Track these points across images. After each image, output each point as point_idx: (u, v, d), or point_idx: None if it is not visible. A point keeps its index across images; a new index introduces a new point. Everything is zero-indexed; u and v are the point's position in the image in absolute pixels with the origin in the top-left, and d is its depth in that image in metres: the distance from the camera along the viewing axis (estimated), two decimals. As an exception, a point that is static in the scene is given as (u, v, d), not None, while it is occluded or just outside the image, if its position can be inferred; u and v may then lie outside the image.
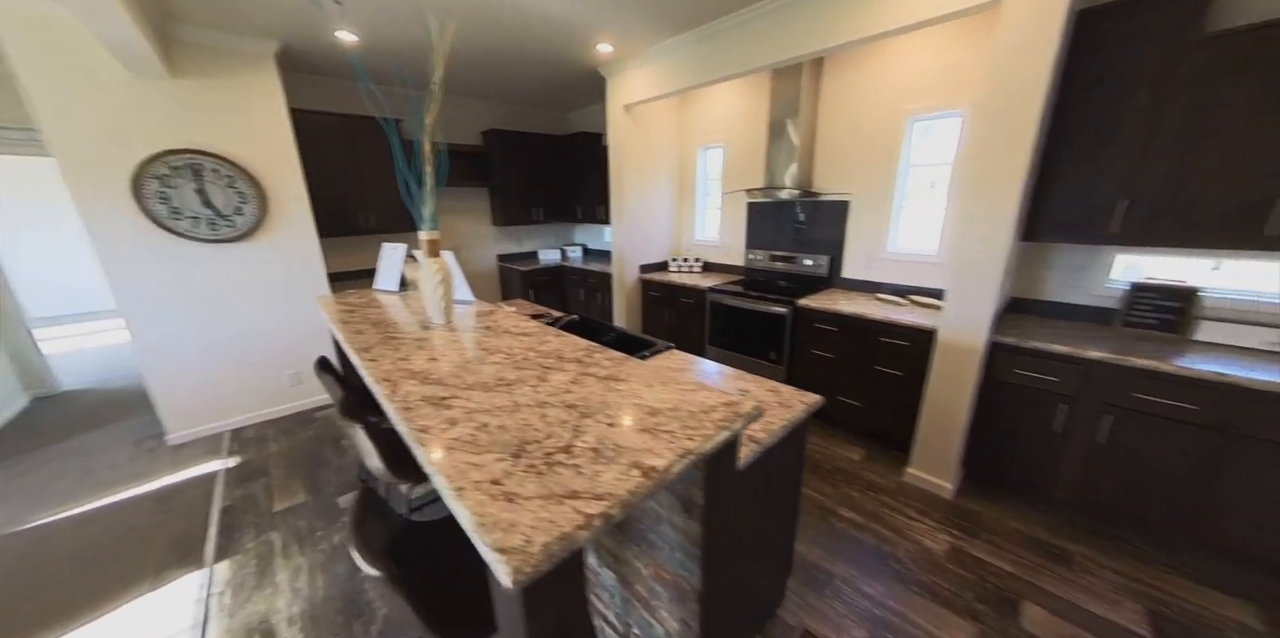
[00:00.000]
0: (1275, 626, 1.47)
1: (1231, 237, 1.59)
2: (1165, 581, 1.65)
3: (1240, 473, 1.52)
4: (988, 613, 1.53)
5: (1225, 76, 1.52)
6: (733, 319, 3.02)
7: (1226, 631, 1.46)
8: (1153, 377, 1.62)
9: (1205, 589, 1.61)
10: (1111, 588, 1.62)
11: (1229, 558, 1.62)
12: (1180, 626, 1.48)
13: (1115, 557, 1.75)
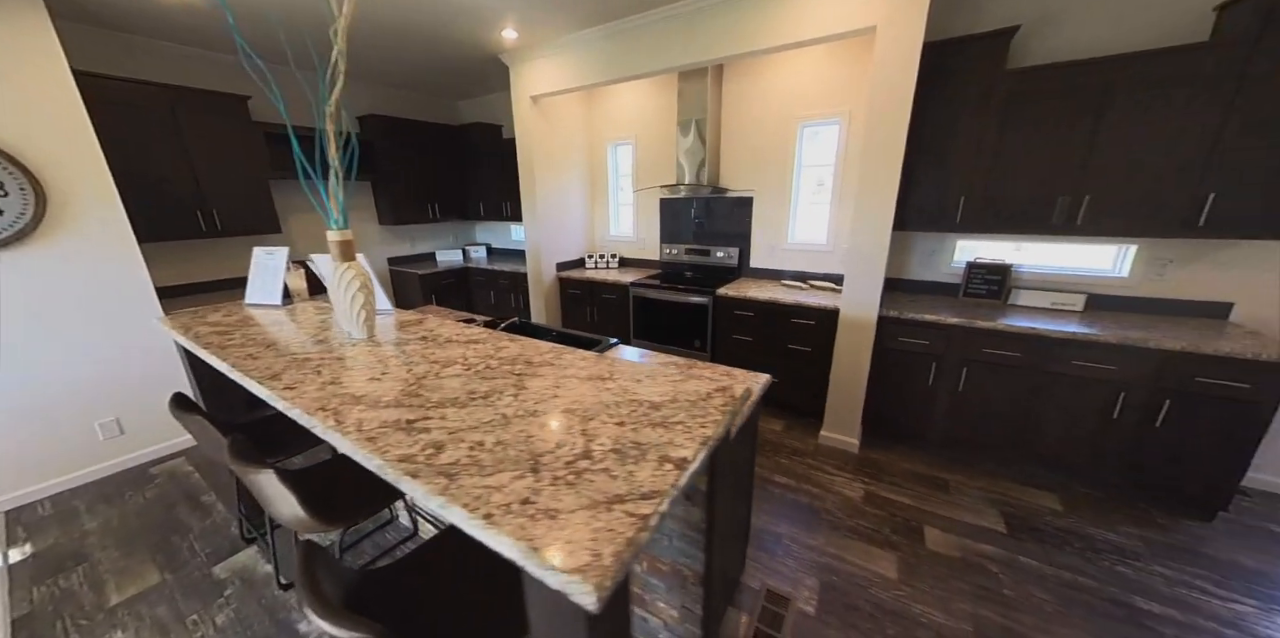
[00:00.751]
0: (1069, 506, 2.01)
1: (1029, 225, 2.10)
2: (1007, 488, 2.14)
3: (1047, 400, 2.04)
4: (902, 542, 1.84)
5: (1022, 103, 2.00)
6: (656, 312, 3.13)
7: (1043, 515, 1.96)
8: (990, 334, 2.08)
9: (1029, 489, 2.13)
10: (977, 502, 2.05)
11: (1041, 463, 2.16)
12: (1019, 518, 1.95)
13: (976, 477, 2.23)
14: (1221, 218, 1.82)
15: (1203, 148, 1.79)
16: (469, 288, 4.35)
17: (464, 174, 4.24)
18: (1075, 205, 2.01)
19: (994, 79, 2.03)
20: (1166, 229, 1.91)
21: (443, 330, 1.63)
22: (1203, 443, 1.83)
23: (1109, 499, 2.07)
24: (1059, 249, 2.37)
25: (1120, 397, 1.92)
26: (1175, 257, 2.12)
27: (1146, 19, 1.96)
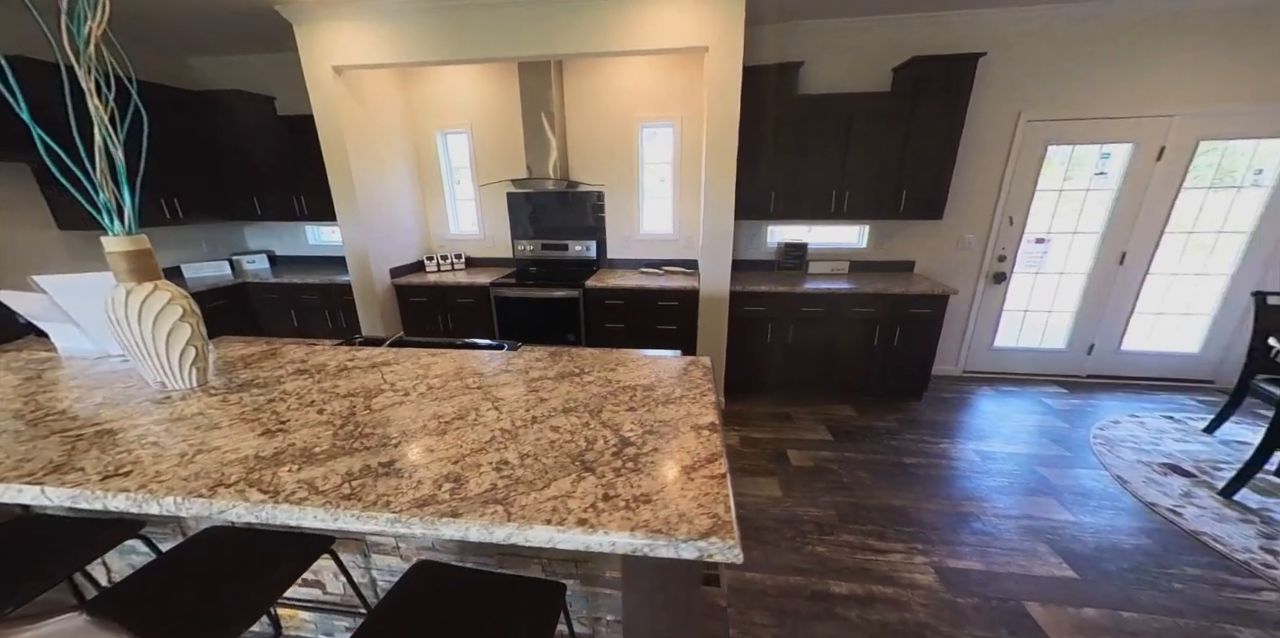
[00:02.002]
0: (859, 411, 2.88)
1: (817, 212, 2.82)
2: (825, 408, 2.92)
3: (838, 339, 2.83)
4: (776, 467, 2.34)
5: (807, 121, 2.65)
6: (522, 311, 3.05)
7: (849, 421, 2.77)
8: (804, 296, 2.76)
9: (836, 405, 2.94)
10: (812, 423, 2.73)
11: (840, 386, 2.98)
12: (837, 427, 2.71)
13: (807, 406, 2.94)
14: (908, 207, 2.78)
15: (895, 161, 2.70)
16: (253, 310, 3.39)
17: (219, 160, 3.21)
18: (840, 198, 2.79)
19: (790, 101, 2.63)
20: (882, 214, 2.82)
21: (322, 358, 1.35)
22: (913, 352, 2.82)
23: (877, 400, 3.00)
24: (832, 230, 3.24)
25: (875, 329, 2.79)
26: (888, 233, 3.15)
27: (858, 70, 2.81)
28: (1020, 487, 2.13)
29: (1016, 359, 3.33)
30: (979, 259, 3.14)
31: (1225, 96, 2.72)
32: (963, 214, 3.05)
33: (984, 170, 2.97)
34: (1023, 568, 1.66)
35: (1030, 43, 2.74)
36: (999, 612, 1.48)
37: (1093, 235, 3.08)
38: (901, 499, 2.05)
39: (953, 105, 2.60)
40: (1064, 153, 2.97)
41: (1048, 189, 3.02)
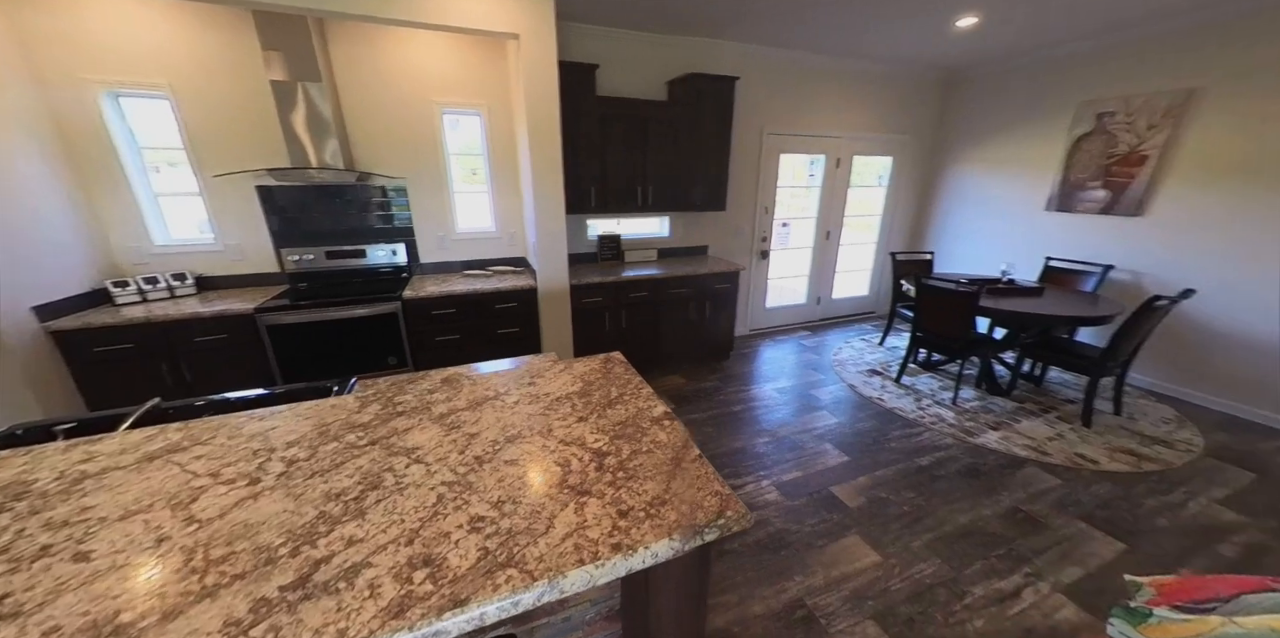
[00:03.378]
0: (688, 379, 3.43)
1: (628, 206, 3.13)
2: (662, 381, 3.38)
3: (663, 318, 3.27)
4: (640, 439, 2.62)
5: (612, 121, 2.86)
6: (313, 339, 2.49)
7: (682, 388, 3.28)
8: (628, 284, 3.07)
9: (669, 376, 3.44)
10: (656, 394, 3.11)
11: (672, 358, 3.47)
12: (676, 395, 3.19)
13: (654, 381, 3.30)
14: (699, 201, 3.36)
15: (685, 162, 3.20)
16: None
17: None
18: (645, 193, 3.15)
19: (593, 101, 2.77)
20: (680, 207, 3.33)
21: (100, 452, 0.94)
22: (719, 320, 3.51)
23: (697, 366, 3.62)
24: (639, 222, 3.61)
25: (690, 305, 3.33)
26: (685, 223, 3.71)
27: (642, 79, 3.17)
28: (804, 408, 2.96)
29: (780, 315, 4.46)
30: (749, 241, 4.03)
31: (861, 127, 4.11)
32: (737, 206, 3.83)
33: (746, 171, 3.78)
34: (822, 464, 2.37)
35: (767, 74, 3.57)
36: (818, 501, 2.11)
37: (812, 219, 4.31)
38: (739, 441, 2.60)
39: (722, 117, 3.21)
40: (790, 159, 4.01)
41: (785, 186, 4.05)
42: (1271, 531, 1.97)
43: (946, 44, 3.40)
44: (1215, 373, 2.95)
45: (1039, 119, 3.66)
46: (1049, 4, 2.68)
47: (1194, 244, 2.97)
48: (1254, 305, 2.76)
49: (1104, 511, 2.07)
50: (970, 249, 4.27)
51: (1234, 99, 2.76)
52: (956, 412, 2.88)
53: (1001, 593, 1.65)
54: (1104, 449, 2.51)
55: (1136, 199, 3.18)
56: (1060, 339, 3.10)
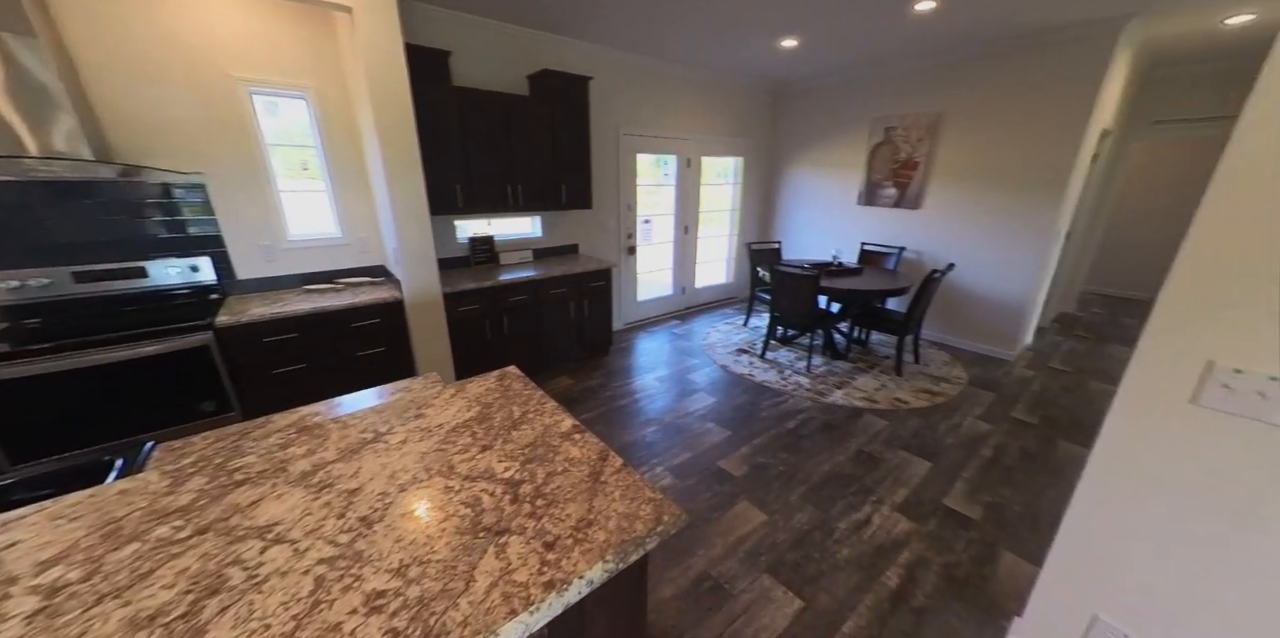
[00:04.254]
0: (575, 378, 3.39)
1: (499, 206, 2.95)
2: (550, 384, 3.29)
3: (545, 320, 3.18)
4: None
5: (472, 114, 2.64)
6: (66, 397, 1.84)
7: (571, 390, 3.23)
8: (508, 287, 2.91)
9: (556, 378, 3.36)
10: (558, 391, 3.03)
11: (557, 359, 3.38)
12: (567, 398, 3.12)
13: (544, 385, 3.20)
14: (568, 199, 3.31)
15: (550, 159, 3.12)
16: None
17: None
18: (515, 192, 3.00)
19: (448, 91, 2.52)
20: (549, 205, 3.25)
21: None
22: (598, 317, 3.53)
23: (581, 364, 3.60)
24: (511, 221, 3.43)
25: (569, 305, 3.29)
26: (556, 222, 3.63)
27: (501, 72, 2.99)
28: (684, 392, 3.16)
29: (652, 307, 4.65)
30: (617, 238, 4.10)
31: (708, 130, 4.45)
32: (602, 204, 3.86)
33: (607, 170, 3.82)
34: (708, 443, 2.56)
35: (620, 76, 3.62)
36: (708, 476, 2.28)
37: (671, 215, 4.54)
38: (630, 434, 2.67)
39: (580, 116, 3.18)
40: (646, 158, 4.16)
41: (644, 184, 4.19)
42: (1006, 432, 2.71)
43: (774, 61, 3.84)
44: (970, 324, 3.92)
45: (847, 129, 4.37)
46: (843, 36, 3.19)
47: (953, 229, 3.87)
48: (991, 273, 3.72)
49: (916, 439, 2.63)
50: (809, 237, 4.96)
51: (962, 121, 3.64)
52: (811, 377, 3.36)
53: (858, 522, 2.00)
54: (911, 391, 3.16)
55: (916, 195, 4.02)
56: (876, 308, 3.79)
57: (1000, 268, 3.66)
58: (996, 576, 1.75)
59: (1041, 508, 2.10)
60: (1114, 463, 1.11)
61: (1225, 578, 1.02)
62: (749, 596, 1.65)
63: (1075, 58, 3.09)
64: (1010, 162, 3.48)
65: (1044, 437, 2.68)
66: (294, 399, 1.99)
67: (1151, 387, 1.02)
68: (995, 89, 3.45)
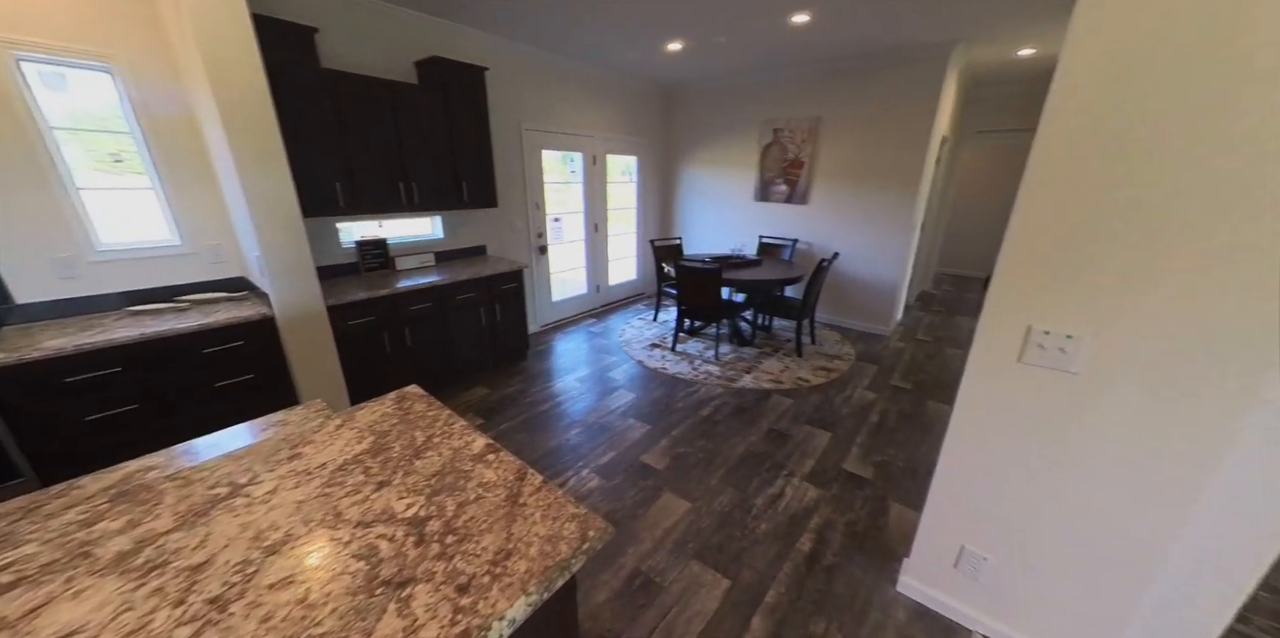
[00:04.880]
0: (492, 388, 3.20)
1: (390, 205, 2.65)
2: (463, 396, 3.08)
3: (454, 328, 2.95)
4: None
5: (350, 101, 2.32)
6: None
7: (488, 400, 3.05)
8: (408, 295, 2.64)
9: (470, 389, 3.16)
10: (471, 425, 2.82)
11: (469, 369, 3.15)
12: (485, 409, 2.94)
13: (449, 401, 2.96)
14: (471, 197, 3.09)
15: (448, 155, 2.88)
16: None
17: None
18: (409, 190, 2.72)
19: (317, 74, 2.18)
20: (450, 204, 3.00)
21: None
22: (512, 321, 3.35)
23: (500, 372, 3.42)
24: (407, 222, 3.11)
25: (480, 310, 3.09)
26: (459, 222, 3.37)
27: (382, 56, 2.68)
28: (605, 391, 3.13)
29: (567, 307, 4.54)
30: (526, 237, 3.92)
31: (610, 128, 4.42)
32: (508, 202, 3.66)
33: (512, 166, 3.62)
34: (630, 439, 2.56)
35: (518, 69, 3.44)
36: (633, 472, 2.28)
37: (580, 213, 4.45)
38: (553, 439, 2.57)
39: (478, 109, 2.96)
40: (551, 155, 4.02)
41: (551, 181, 4.05)
42: (888, 398, 3.06)
43: (664, 63, 3.90)
44: (854, 305, 4.36)
45: (740, 130, 4.59)
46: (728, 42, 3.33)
47: (836, 222, 4.25)
48: (868, 260, 4.16)
49: (817, 413, 2.86)
50: (709, 232, 5.15)
51: (838, 125, 4.01)
52: (720, 365, 3.50)
53: (773, 496, 2.12)
54: (811, 370, 3.44)
55: (803, 192, 4.35)
56: (776, 296, 4.06)
57: (874, 255, 4.11)
58: (888, 525, 1.97)
59: (919, 461, 2.40)
60: (968, 416, 1.31)
61: (1048, 499, 1.26)
62: (680, 585, 1.67)
63: (920, 75, 3.54)
64: (877, 163, 3.90)
65: (916, 399, 3.07)
66: (125, 450, 1.62)
67: (990, 351, 1.22)
68: (862, 98, 3.84)
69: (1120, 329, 1.04)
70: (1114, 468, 1.13)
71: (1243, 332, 0.92)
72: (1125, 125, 0.95)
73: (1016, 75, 4.34)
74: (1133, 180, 0.97)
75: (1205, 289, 0.94)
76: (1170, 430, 1.04)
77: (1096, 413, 1.12)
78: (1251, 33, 0.82)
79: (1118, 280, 1.02)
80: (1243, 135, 0.86)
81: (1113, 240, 1.01)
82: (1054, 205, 1.05)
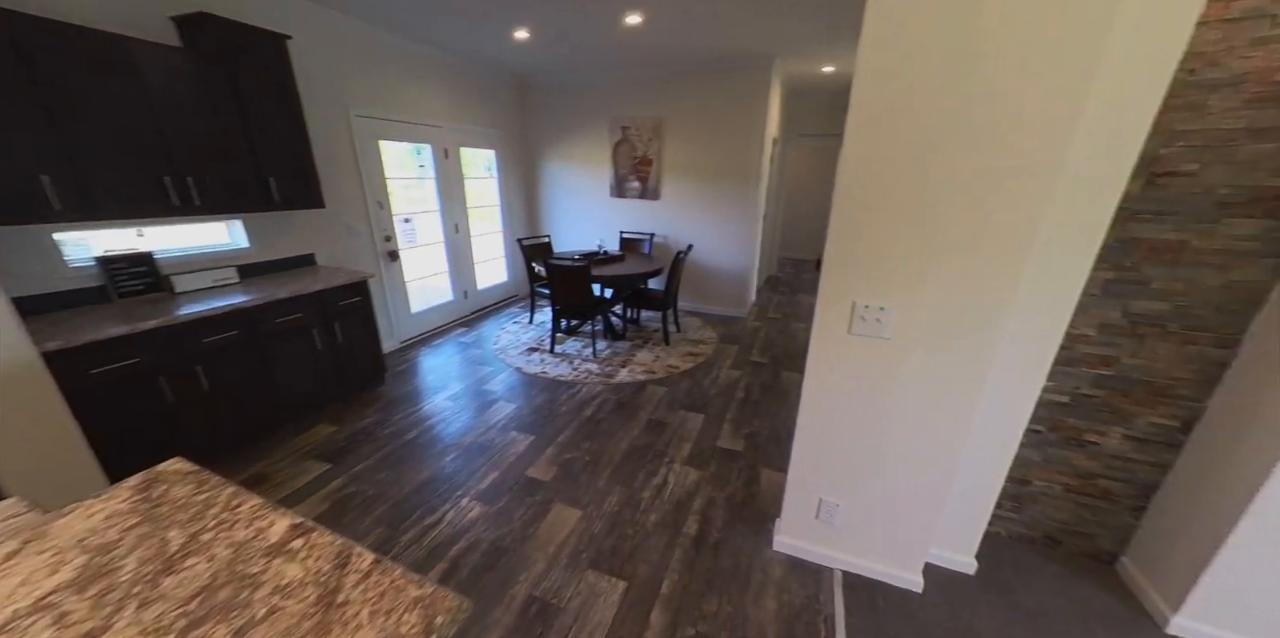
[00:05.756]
0: (340, 423, 2.66)
1: (149, 207, 1.98)
2: (299, 440, 2.51)
3: (277, 358, 2.38)
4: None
5: (73, 63, 1.66)
6: None
7: (336, 439, 2.53)
8: (197, 324, 2.02)
9: (309, 430, 2.60)
10: (294, 465, 2.30)
11: (303, 407, 2.57)
12: (325, 451, 2.43)
13: (277, 450, 2.40)
14: (284, 197, 2.49)
15: (244, 144, 2.26)
16: None
17: None
18: (184, 187, 2.06)
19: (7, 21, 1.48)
20: (253, 206, 2.38)
21: None
22: (359, 342, 2.82)
23: (347, 403, 2.86)
24: (187, 230, 2.38)
25: (313, 333, 2.54)
26: (273, 227, 2.70)
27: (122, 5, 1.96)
28: (483, 406, 2.84)
29: (430, 318, 4.03)
30: (371, 242, 3.35)
31: (462, 119, 4.00)
32: (342, 202, 3.06)
33: (341, 159, 3.03)
34: (514, 454, 2.36)
35: (343, 44, 2.89)
36: (519, 490, 2.09)
37: (436, 213, 3.96)
38: (425, 471, 2.22)
39: (283, 88, 2.38)
40: (395, 147, 3.47)
41: (396, 177, 3.50)
42: (749, 374, 3.33)
43: (515, 51, 3.61)
44: (713, 292, 4.66)
45: (592, 126, 4.51)
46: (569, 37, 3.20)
47: (687, 215, 4.46)
48: (721, 249, 4.46)
49: (689, 397, 2.98)
50: (575, 229, 5.02)
51: (680, 125, 4.19)
52: (599, 362, 3.44)
53: (658, 486, 2.13)
54: (679, 356, 3.58)
55: (655, 188, 4.46)
56: (641, 289, 4.13)
57: (726, 245, 4.42)
58: (760, 491, 2.12)
59: (780, 427, 2.64)
60: (814, 383, 1.48)
61: (878, 445, 1.47)
62: (578, 600, 1.57)
63: (748, 82, 3.85)
64: (719, 161, 4.17)
65: (773, 372, 3.40)
66: None
67: (826, 326, 1.38)
68: (700, 101, 4.05)
69: (914, 299, 1.26)
70: (920, 410, 1.37)
71: (994, 291, 1.18)
72: (904, 138, 1.13)
73: (825, 87, 5.00)
74: (912, 180, 1.16)
75: (973, 262, 1.17)
76: (949, 372, 1.29)
77: (903, 368, 1.34)
78: (977, 72, 1.04)
79: (911, 259, 1.22)
80: (987, 143, 1.08)
81: (905, 227, 1.20)
82: (860, 202, 1.22)
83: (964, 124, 1.08)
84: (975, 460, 1.52)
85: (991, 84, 1.03)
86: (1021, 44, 0.99)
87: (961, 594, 1.60)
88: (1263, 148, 1.24)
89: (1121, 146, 1.15)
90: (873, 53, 1.09)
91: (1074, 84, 0.98)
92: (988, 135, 1.07)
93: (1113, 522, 1.68)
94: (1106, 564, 1.72)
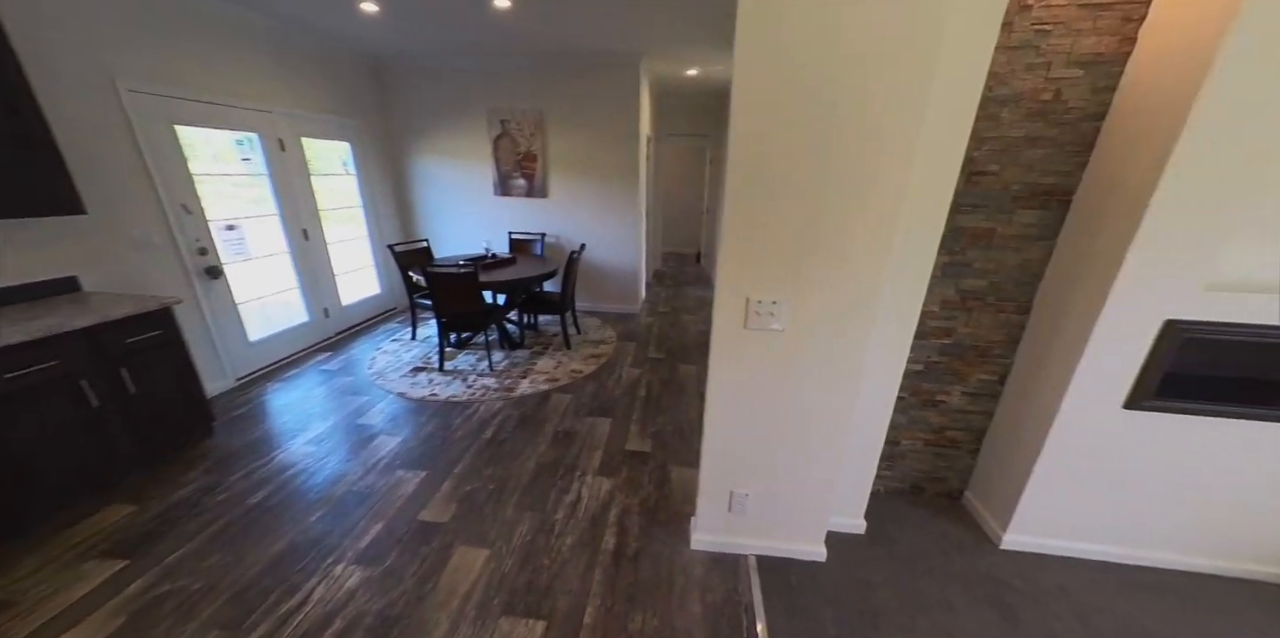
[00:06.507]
0: (142, 501, 2.01)
1: None
2: (77, 533, 1.82)
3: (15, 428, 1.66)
4: None
5: None
6: None
7: (129, 526, 1.90)
8: None
9: (91, 517, 1.91)
10: (67, 570, 1.67)
11: (80, 489, 1.87)
12: (119, 543, 1.80)
13: (36, 554, 1.71)
14: (12, 202, 1.75)
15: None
16: None
17: None
18: None
19: None
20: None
21: None
22: (166, 388, 2.12)
23: (153, 471, 2.13)
24: None
25: (82, 386, 1.84)
26: None
27: None
28: (355, 444, 2.36)
29: (278, 345, 3.27)
30: (175, 256, 2.55)
31: (303, 105, 3.28)
32: (120, 205, 2.27)
33: (113, 151, 2.23)
34: (400, 496, 1.99)
35: None
36: (412, 540, 1.75)
37: (274, 217, 3.19)
38: (278, 542, 1.73)
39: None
40: (204, 136, 2.68)
41: (209, 174, 2.71)
42: (649, 371, 3.29)
43: (366, 26, 3.02)
44: (607, 291, 4.56)
45: (467, 119, 4.04)
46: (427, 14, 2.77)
47: (577, 214, 4.26)
48: (610, 247, 4.35)
49: (595, 401, 2.84)
50: (456, 231, 4.50)
51: (562, 120, 3.96)
52: (496, 376, 3.12)
53: (571, 504, 1.96)
54: (581, 359, 3.41)
55: (541, 186, 4.17)
56: (537, 292, 3.86)
57: (615, 243, 4.33)
58: (673, 491, 2.07)
59: (683, 421, 2.63)
60: (719, 378, 1.46)
61: (777, 432, 1.50)
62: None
63: (620, 78, 3.75)
64: (601, 157, 4.03)
65: (670, 366, 3.40)
66: None
67: (725, 322, 1.37)
68: (577, 95, 3.86)
69: (802, 290, 1.29)
70: (814, 393, 1.42)
71: (869, 277, 1.25)
72: (782, 144, 1.14)
73: (691, 89, 5.13)
74: (793, 181, 1.18)
75: (851, 252, 1.23)
76: (836, 354, 1.35)
77: (795, 356, 1.37)
78: (837, 82, 1.07)
79: (797, 254, 1.25)
80: (853, 141, 1.12)
81: (789, 224, 1.22)
82: (749, 204, 1.22)
83: (830, 127, 1.11)
84: (860, 431, 1.63)
85: (854, 87, 1.08)
86: (875, 53, 1.03)
87: (856, 555, 1.72)
88: (1036, 153, 1.48)
89: (951, 150, 1.26)
90: (747, 67, 1.09)
91: (918, 82, 1.05)
92: (858, 130, 1.11)
93: (959, 465, 1.95)
94: (956, 500, 2.00)
